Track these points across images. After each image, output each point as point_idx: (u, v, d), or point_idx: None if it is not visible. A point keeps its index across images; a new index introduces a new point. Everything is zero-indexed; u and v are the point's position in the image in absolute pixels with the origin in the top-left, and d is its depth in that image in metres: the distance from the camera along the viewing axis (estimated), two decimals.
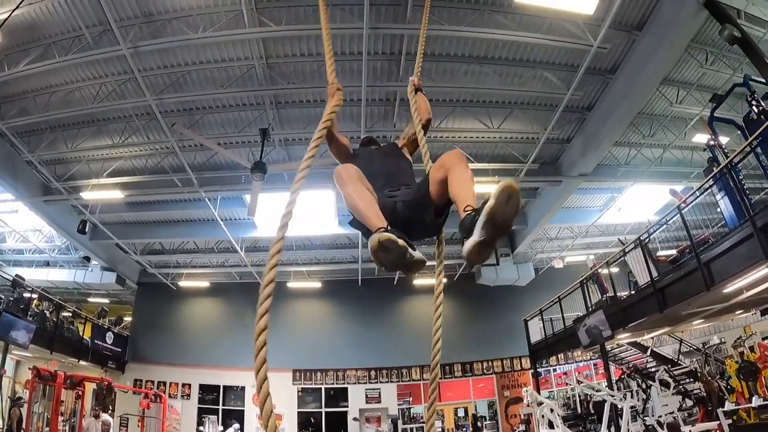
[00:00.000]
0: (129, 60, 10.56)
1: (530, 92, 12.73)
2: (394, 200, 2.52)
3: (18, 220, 18.59)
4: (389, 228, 2.20)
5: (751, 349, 12.24)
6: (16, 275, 16.07)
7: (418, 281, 22.76)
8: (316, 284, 23.30)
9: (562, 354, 19.56)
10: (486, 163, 14.66)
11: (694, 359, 15.20)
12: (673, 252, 12.07)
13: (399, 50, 11.41)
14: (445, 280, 2.71)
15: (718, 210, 10.21)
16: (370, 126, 13.11)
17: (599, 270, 14.43)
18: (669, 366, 14.34)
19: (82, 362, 18.01)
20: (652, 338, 15.13)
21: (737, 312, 13.13)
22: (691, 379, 14.12)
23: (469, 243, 2.07)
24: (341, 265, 22.34)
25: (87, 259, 20.76)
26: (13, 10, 8.82)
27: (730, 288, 9.10)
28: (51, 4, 9.94)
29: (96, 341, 19.14)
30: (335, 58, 11.13)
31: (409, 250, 2.13)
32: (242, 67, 11.84)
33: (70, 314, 18.53)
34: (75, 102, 12.56)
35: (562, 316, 16.17)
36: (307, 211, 17.33)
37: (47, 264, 21.94)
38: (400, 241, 2.07)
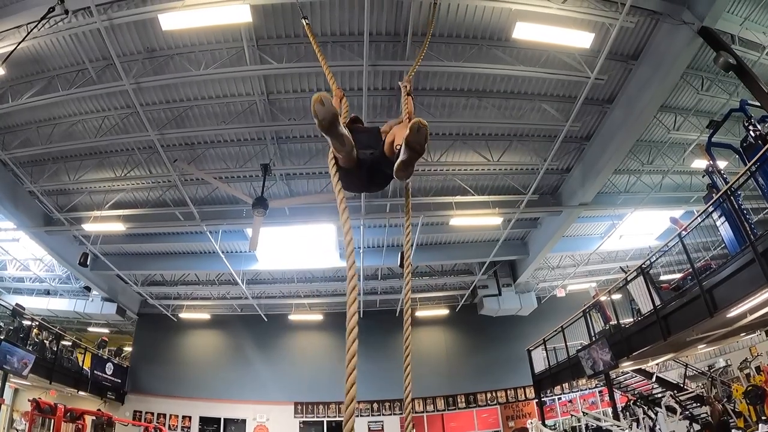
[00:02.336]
0: (131, 95, 10.65)
1: (529, 124, 12.81)
2: (365, 153, 3.13)
3: (19, 248, 18.66)
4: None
5: (758, 370, 12.09)
6: (16, 304, 16.03)
7: (421, 312, 22.63)
8: (318, 316, 23.14)
9: (566, 383, 19.30)
10: (486, 196, 14.68)
11: (700, 383, 14.98)
12: (677, 276, 11.98)
13: (398, 86, 11.49)
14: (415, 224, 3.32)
15: (719, 234, 10.18)
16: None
17: (602, 298, 14.31)
18: (675, 391, 14.11)
19: (81, 393, 17.82)
20: (656, 364, 14.89)
21: (742, 334, 13.00)
22: (698, 404, 13.83)
23: (397, 163, 2.71)
24: (343, 297, 22.05)
25: (88, 289, 20.70)
26: (18, 44, 8.93)
27: (733, 312, 9.00)
28: (55, 38, 10.08)
29: (96, 372, 18.94)
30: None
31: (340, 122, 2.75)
32: (244, 103, 11.96)
33: (70, 344, 18.39)
34: (78, 134, 12.68)
35: (566, 346, 15.98)
36: (309, 244, 17.40)
37: (47, 293, 21.92)
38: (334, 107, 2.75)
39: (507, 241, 17.47)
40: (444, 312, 23.10)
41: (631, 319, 12.85)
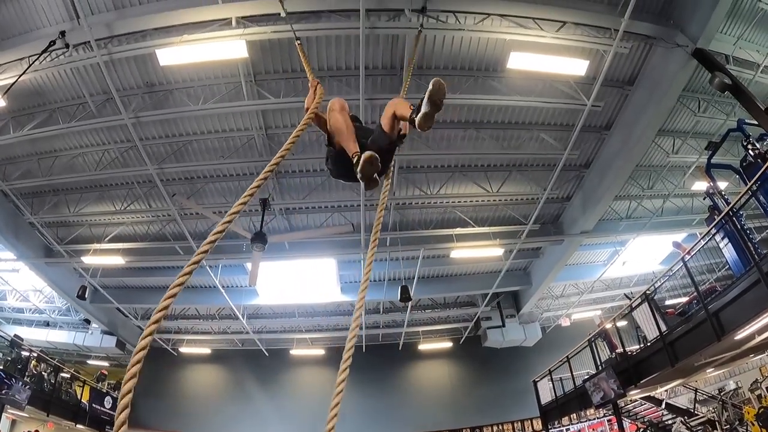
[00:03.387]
0: (131, 129, 10.75)
1: (527, 154, 12.81)
2: (363, 141, 3.47)
3: (19, 279, 18.53)
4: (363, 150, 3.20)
5: None
6: (15, 335, 15.87)
7: (424, 345, 22.36)
8: (320, 351, 22.88)
9: (574, 413, 18.85)
10: (487, 227, 14.62)
11: (711, 407, 14.58)
12: (682, 300, 11.79)
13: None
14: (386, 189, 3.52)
15: (722, 256, 10.06)
16: (369, 194, 13.09)
17: (607, 326, 14.08)
18: (685, 417, 13.76)
19: (79, 426, 17.39)
20: (665, 390, 14.51)
21: (750, 355, 12.74)
22: (710, 428, 13.44)
23: (420, 114, 3.05)
24: (344, 332, 21.83)
25: (87, 321, 20.51)
26: (20, 76, 9.08)
27: (741, 335, 8.81)
28: (57, 71, 10.24)
29: (94, 405, 18.51)
30: None
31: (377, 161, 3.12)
32: (242, 138, 12.03)
33: (69, 376, 18.12)
34: (78, 167, 12.76)
35: (572, 376, 15.62)
36: (310, 278, 17.29)
37: (47, 324, 21.73)
38: (376, 156, 3.11)
39: (509, 271, 17.31)
40: (447, 345, 22.84)
41: (638, 347, 12.60)
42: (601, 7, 9.52)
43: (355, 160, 3.19)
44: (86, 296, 15.70)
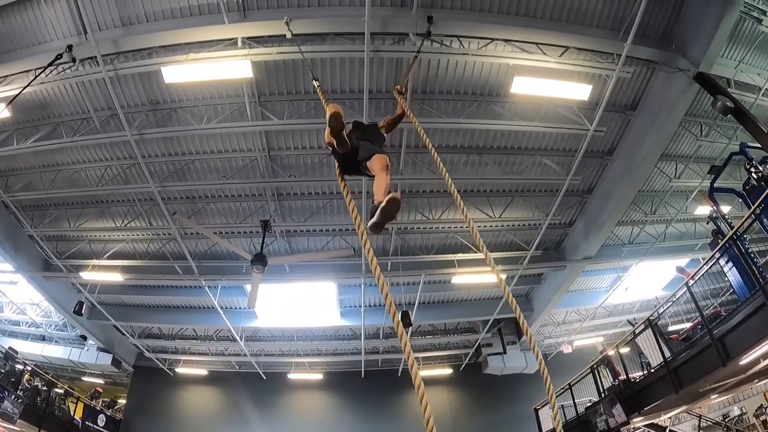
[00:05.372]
0: (134, 146, 10.76)
1: (530, 179, 12.76)
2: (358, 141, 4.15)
3: (16, 291, 18.44)
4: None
5: None
6: (10, 347, 15.64)
7: (424, 372, 21.99)
8: (318, 376, 22.53)
9: None
10: (489, 253, 14.45)
11: None
12: (685, 326, 11.64)
13: (399, 143, 11.56)
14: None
15: (726, 280, 9.94)
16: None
17: (610, 353, 13.85)
18: None
19: None
20: (669, 418, 14.19)
21: (755, 381, 12.52)
22: None
23: (372, 220, 3.43)
24: (343, 356, 21.68)
25: (83, 337, 20.28)
26: (24, 87, 9.08)
27: (746, 359, 8.64)
28: (62, 85, 10.29)
29: (87, 422, 18.20)
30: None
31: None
32: (245, 159, 12.04)
33: (63, 392, 17.85)
34: (80, 182, 12.75)
35: (574, 403, 15.28)
36: (309, 302, 17.14)
37: (43, 338, 21.47)
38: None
39: None
40: (447, 371, 22.45)
41: (641, 373, 12.39)
42: (603, 32, 9.62)
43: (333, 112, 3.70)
44: (83, 312, 15.53)
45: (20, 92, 9.08)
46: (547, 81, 9.68)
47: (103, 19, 9.05)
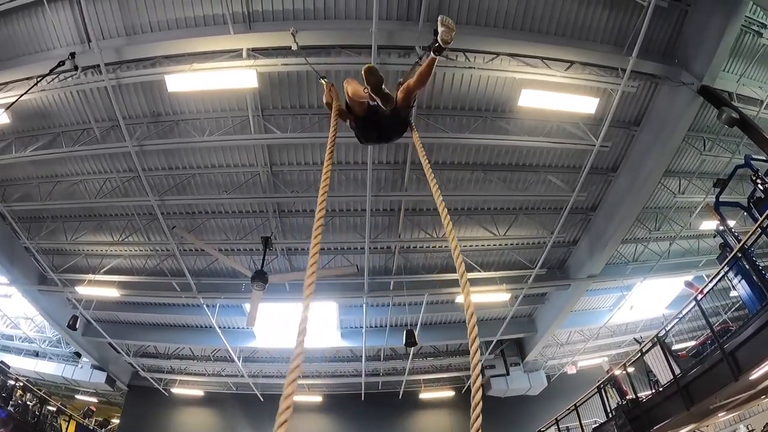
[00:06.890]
0: (134, 158, 10.65)
1: (535, 196, 12.65)
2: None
3: (10, 305, 18.02)
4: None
5: None
6: (1, 362, 15.30)
7: (425, 394, 21.65)
8: (317, 398, 22.09)
9: None
10: (493, 271, 14.34)
11: None
12: (691, 344, 11.44)
13: (403, 159, 11.48)
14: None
15: (732, 294, 9.74)
16: (374, 236, 12.93)
17: (616, 372, 13.55)
18: None
19: None
20: None
21: (763, 397, 12.26)
22: None
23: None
24: (343, 378, 21.26)
25: (78, 354, 19.86)
26: (25, 93, 9.04)
27: (758, 373, 8.42)
28: (64, 93, 10.24)
29: None
30: (340, 167, 11.15)
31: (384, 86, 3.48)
32: (246, 174, 11.91)
33: (55, 409, 17.41)
34: (78, 194, 12.59)
35: (580, 425, 14.89)
36: (310, 322, 16.81)
37: (36, 354, 21.01)
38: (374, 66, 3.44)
39: (514, 318, 16.84)
40: (449, 394, 22.04)
41: (649, 392, 12.10)
42: (607, 47, 9.65)
43: (363, 87, 3.49)
44: (77, 327, 15.25)
45: (20, 97, 9.05)
46: (554, 94, 9.66)
47: (107, 28, 9.00)
